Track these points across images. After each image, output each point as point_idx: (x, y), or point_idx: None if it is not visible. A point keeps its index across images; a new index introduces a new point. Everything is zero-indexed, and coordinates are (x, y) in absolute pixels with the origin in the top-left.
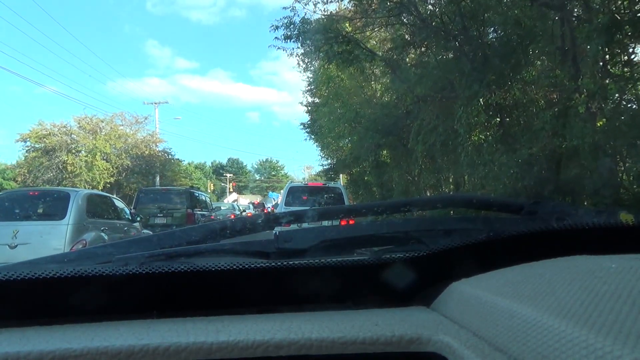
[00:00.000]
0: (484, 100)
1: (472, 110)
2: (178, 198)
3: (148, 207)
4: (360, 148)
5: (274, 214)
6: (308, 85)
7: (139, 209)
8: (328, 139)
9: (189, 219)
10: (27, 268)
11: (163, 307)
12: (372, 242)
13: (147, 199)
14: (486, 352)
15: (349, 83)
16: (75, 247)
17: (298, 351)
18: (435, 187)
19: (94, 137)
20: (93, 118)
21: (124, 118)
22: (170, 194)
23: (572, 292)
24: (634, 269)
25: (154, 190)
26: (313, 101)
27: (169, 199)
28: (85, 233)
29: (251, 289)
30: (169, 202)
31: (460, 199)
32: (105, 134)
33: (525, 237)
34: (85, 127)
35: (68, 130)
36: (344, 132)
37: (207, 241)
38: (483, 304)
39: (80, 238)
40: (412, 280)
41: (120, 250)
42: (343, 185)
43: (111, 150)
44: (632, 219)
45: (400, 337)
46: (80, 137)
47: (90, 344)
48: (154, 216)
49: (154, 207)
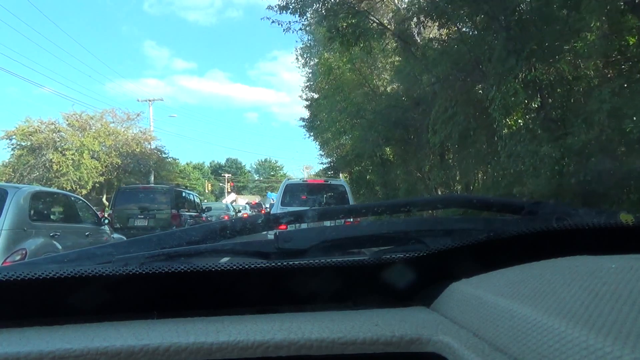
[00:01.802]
0: (522, 76)
1: (509, 89)
2: (162, 197)
3: (128, 207)
4: (364, 142)
5: (274, 214)
6: (307, 80)
7: (117, 210)
8: (328, 134)
9: (174, 221)
10: (27, 268)
11: (163, 307)
12: (372, 242)
13: (127, 198)
14: (486, 353)
15: (350, 76)
16: (11, 258)
17: (298, 351)
18: (448, 185)
19: (83, 134)
20: (82, 114)
21: (114, 115)
22: (153, 193)
23: (572, 292)
24: (634, 269)
25: (135, 188)
26: (312, 97)
27: (151, 199)
28: (26, 240)
29: (251, 289)
30: (151, 202)
31: (460, 199)
32: (95, 131)
33: (526, 237)
34: (74, 124)
35: (56, 128)
36: (345, 127)
37: (207, 241)
38: (483, 304)
39: (18, 247)
40: (412, 281)
41: (120, 250)
42: (347, 183)
43: (100, 148)
44: (632, 219)
45: (401, 338)
46: (68, 135)
47: (90, 344)
48: (134, 218)
49: (135, 208)
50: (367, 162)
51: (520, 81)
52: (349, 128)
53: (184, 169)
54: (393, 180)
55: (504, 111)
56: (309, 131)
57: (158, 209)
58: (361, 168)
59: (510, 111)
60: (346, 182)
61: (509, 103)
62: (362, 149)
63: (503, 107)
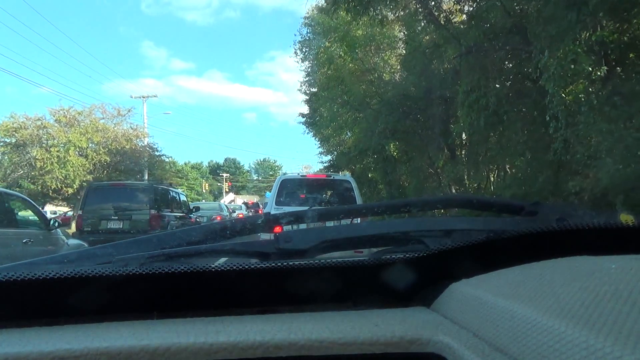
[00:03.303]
0: (585, 36)
1: (567, 54)
2: (140, 196)
3: (100, 207)
4: (369, 137)
5: (274, 214)
6: (306, 75)
7: (88, 211)
8: (329, 130)
9: (154, 223)
10: (27, 269)
11: (163, 307)
12: (372, 243)
13: (99, 197)
14: (486, 353)
15: (353, 66)
16: None
17: (298, 352)
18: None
19: (70, 130)
20: (70, 110)
21: (104, 110)
22: (129, 191)
23: (572, 292)
24: (634, 269)
25: (108, 185)
26: (312, 91)
27: (127, 197)
28: None
29: (251, 290)
30: (127, 201)
31: (460, 199)
32: (83, 127)
33: (526, 238)
34: (61, 120)
35: (43, 124)
36: (347, 122)
37: (207, 242)
38: (483, 304)
39: None
40: (412, 281)
41: (120, 250)
42: (353, 178)
43: (88, 145)
44: (632, 219)
45: (401, 338)
46: (55, 131)
47: (91, 344)
48: (108, 220)
49: (108, 208)
50: (370, 160)
51: (582, 44)
52: (350, 123)
53: (182, 168)
54: (398, 178)
55: (562, 82)
56: (308, 127)
57: (135, 209)
58: (363, 166)
59: (568, 82)
60: (353, 178)
61: (567, 72)
62: (367, 143)
63: (560, 77)
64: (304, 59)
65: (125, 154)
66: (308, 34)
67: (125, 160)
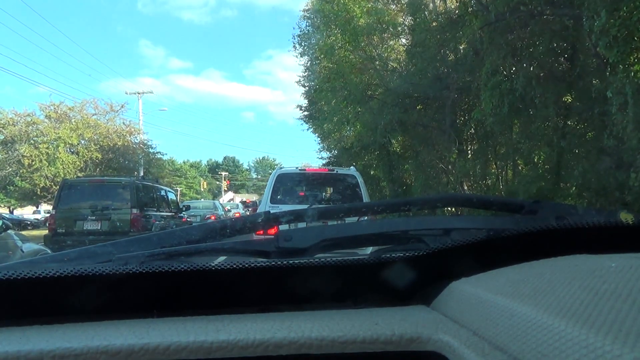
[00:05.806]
0: None
1: (631, 13)
2: (121, 193)
3: (75, 206)
4: (372, 130)
5: (274, 213)
6: (305, 70)
7: (62, 211)
8: (329, 125)
9: (136, 223)
10: (27, 267)
11: (163, 306)
12: (372, 241)
13: (75, 195)
14: (486, 351)
15: (354, 58)
16: None
17: (298, 350)
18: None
19: (60, 126)
20: (60, 105)
21: (96, 106)
22: (108, 188)
23: (572, 291)
24: (634, 268)
25: (85, 182)
26: (311, 85)
27: (106, 195)
28: None
29: (251, 288)
30: (106, 199)
31: (460, 198)
32: (73, 123)
33: (525, 236)
34: (51, 116)
35: (32, 119)
36: (348, 116)
37: (207, 240)
38: (483, 303)
39: None
40: (412, 279)
41: (120, 249)
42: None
43: (79, 142)
44: (632, 218)
45: (400, 336)
46: (44, 127)
47: (91, 343)
48: (84, 220)
49: (85, 207)
50: (372, 156)
51: None
52: (352, 118)
53: (181, 167)
54: (402, 175)
55: (626, 48)
56: (307, 122)
57: (115, 207)
58: (365, 162)
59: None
60: (358, 172)
61: (633, 35)
62: (370, 138)
63: (623, 41)
64: (302, 54)
65: (118, 151)
66: (307, 27)
67: (119, 158)
